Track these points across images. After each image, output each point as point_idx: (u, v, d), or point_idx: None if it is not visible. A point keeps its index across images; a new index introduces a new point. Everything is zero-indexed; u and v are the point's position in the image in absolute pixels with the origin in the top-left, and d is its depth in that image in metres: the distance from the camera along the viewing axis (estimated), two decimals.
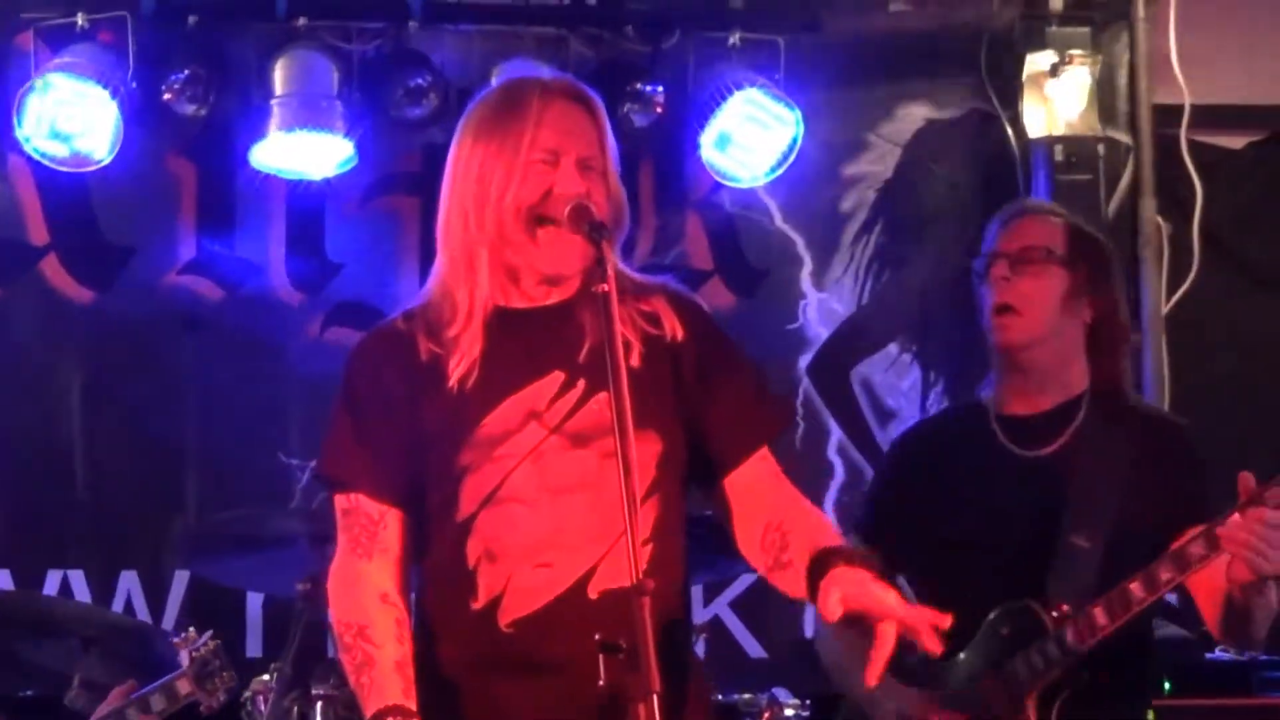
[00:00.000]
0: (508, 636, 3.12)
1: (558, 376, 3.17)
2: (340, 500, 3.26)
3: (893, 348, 6.36)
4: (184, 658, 4.73)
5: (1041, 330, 4.00)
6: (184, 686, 4.67)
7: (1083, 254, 4.06)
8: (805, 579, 3.06)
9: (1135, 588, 3.73)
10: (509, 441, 3.14)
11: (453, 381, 3.16)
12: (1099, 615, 3.76)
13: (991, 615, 3.90)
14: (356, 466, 3.22)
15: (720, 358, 3.29)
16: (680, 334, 3.25)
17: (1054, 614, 3.83)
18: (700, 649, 5.32)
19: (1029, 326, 4.00)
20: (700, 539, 3.40)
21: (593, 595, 3.10)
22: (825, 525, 3.21)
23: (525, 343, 3.19)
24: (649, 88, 6.00)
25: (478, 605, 3.13)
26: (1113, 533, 3.88)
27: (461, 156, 3.23)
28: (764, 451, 3.30)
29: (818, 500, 6.20)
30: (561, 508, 3.13)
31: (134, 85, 5.77)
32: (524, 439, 3.14)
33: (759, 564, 3.25)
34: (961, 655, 3.93)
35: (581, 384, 3.15)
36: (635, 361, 3.15)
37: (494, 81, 3.32)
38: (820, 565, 3.03)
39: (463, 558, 3.14)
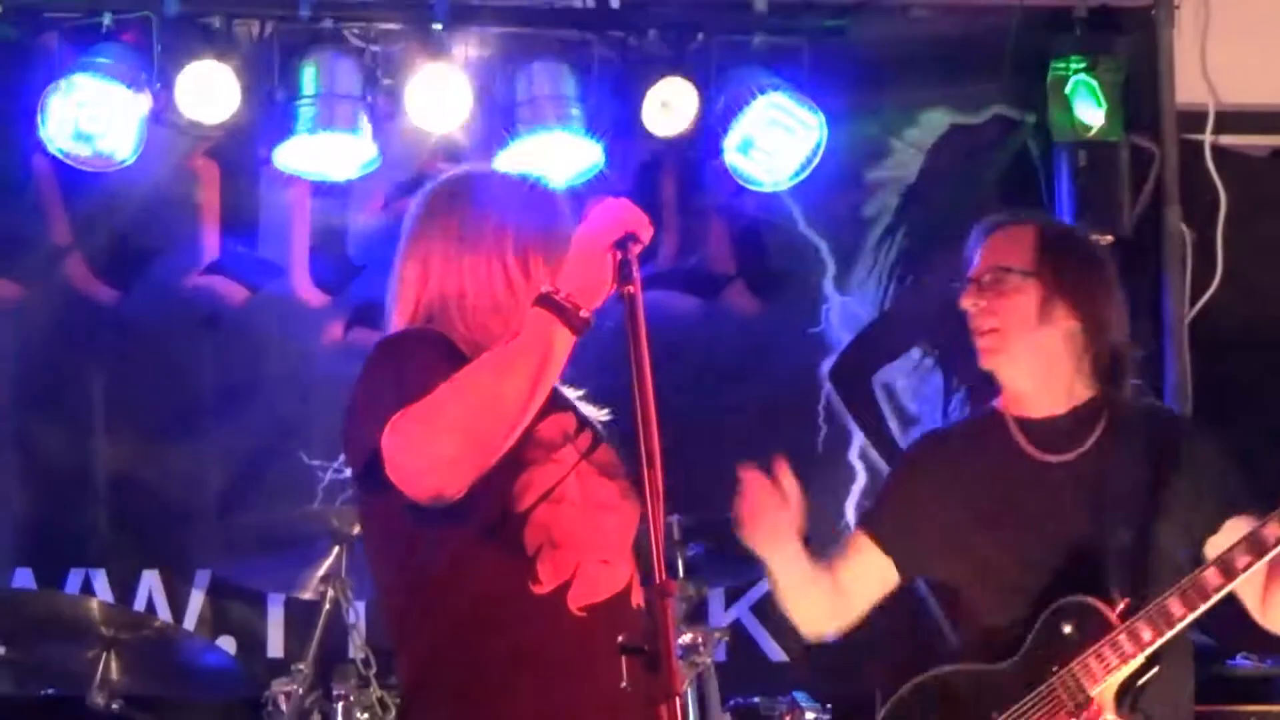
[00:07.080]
0: (579, 620, 3.15)
1: (571, 418, 3.28)
2: None
3: (915, 352, 6.34)
4: None
5: (1020, 346, 4.02)
6: None
7: (1054, 260, 4.05)
8: None
9: (1211, 575, 3.75)
10: (560, 449, 3.21)
11: None
12: (1174, 606, 3.76)
13: (1047, 614, 3.88)
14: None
15: None
16: None
17: (1117, 610, 3.83)
18: (721, 652, 5.32)
19: (1008, 345, 4.02)
20: (721, 543, 3.41)
21: (633, 604, 3.21)
22: None
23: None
24: None
25: (541, 590, 3.15)
26: (1150, 528, 3.90)
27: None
28: None
29: (838, 504, 6.23)
30: (604, 521, 3.22)
31: (158, 86, 5.78)
32: (567, 453, 3.22)
33: None
34: (1018, 655, 3.91)
35: (589, 434, 3.30)
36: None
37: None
38: None
39: (520, 545, 3.15)
